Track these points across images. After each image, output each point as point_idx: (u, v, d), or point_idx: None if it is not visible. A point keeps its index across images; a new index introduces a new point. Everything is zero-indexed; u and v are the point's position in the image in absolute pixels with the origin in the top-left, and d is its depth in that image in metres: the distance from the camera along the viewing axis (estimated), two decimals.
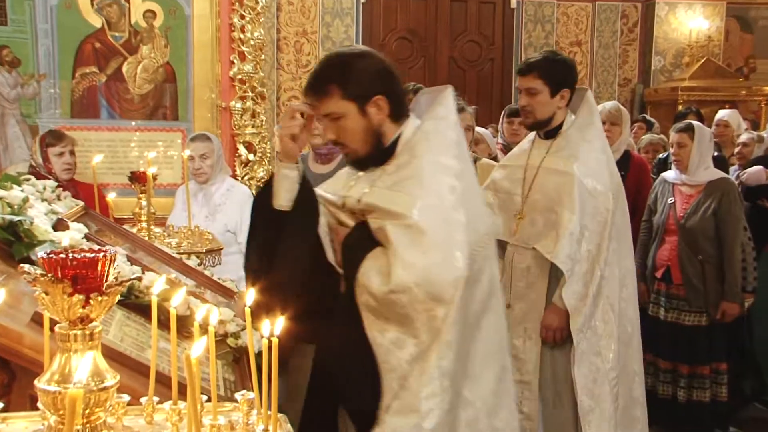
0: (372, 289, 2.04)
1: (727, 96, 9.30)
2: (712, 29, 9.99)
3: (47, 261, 1.37)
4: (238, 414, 1.64)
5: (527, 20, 9.69)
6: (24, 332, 1.77)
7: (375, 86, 2.17)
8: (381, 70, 2.21)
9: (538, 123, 3.41)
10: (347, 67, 2.17)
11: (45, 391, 1.38)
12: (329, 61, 2.24)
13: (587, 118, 3.40)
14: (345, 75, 2.16)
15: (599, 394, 3.25)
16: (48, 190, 2.89)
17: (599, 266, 3.23)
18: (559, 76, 3.35)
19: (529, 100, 3.36)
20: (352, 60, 2.19)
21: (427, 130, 2.19)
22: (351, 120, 2.16)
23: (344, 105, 2.15)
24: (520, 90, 3.41)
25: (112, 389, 1.42)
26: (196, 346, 1.32)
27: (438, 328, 2.00)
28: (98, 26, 5.03)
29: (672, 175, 4.61)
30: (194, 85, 5.17)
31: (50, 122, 4.99)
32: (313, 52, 8.87)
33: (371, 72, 2.18)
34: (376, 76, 2.18)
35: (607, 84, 10.01)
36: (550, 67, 3.34)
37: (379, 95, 2.16)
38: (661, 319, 4.54)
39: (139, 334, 2.14)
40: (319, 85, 2.18)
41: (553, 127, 3.42)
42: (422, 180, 2.11)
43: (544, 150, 3.42)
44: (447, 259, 2.02)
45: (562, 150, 3.36)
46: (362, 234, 2.16)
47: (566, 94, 3.36)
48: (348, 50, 2.30)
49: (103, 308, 1.40)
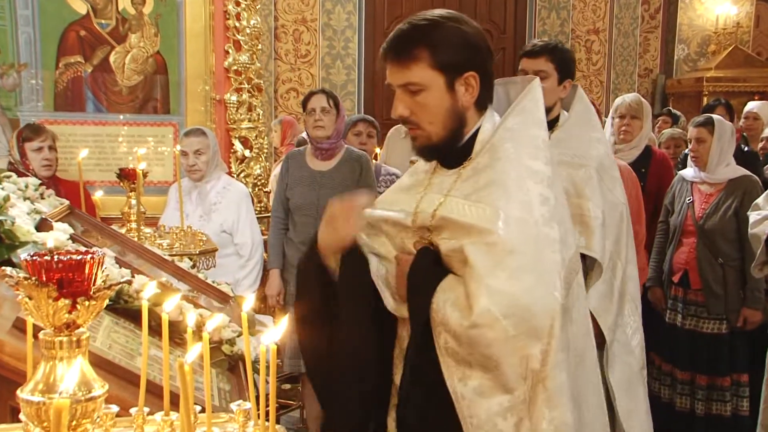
0: (451, 325, 1.80)
1: (757, 86, 9.27)
2: (740, 15, 9.96)
3: (31, 263, 1.37)
4: (234, 425, 1.64)
5: (541, 7, 9.67)
6: (5, 339, 1.77)
7: (470, 60, 1.94)
8: (478, 42, 1.97)
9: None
10: (441, 31, 1.93)
11: (28, 401, 1.37)
12: (419, 21, 1.96)
13: (585, 112, 3.46)
14: (437, 40, 1.92)
15: (636, 395, 3.33)
16: (30, 188, 2.90)
17: (621, 263, 3.31)
18: (568, 64, 3.40)
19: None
20: (447, 24, 1.94)
21: (512, 128, 1.96)
22: (434, 95, 1.94)
23: (431, 75, 1.92)
24: (526, 73, 3.38)
25: (100, 399, 1.42)
26: (190, 352, 1.32)
27: (537, 372, 1.77)
28: (83, 13, 5.03)
29: (690, 173, 4.60)
30: (186, 76, 5.18)
31: (32, 115, 4.99)
32: (312, 42, 8.88)
33: (468, 42, 1.95)
34: (472, 49, 1.96)
35: (627, 75, 9.99)
36: (560, 52, 3.40)
37: (472, 71, 1.94)
38: (678, 327, 4.52)
39: (128, 340, 2.14)
40: (403, 46, 1.94)
41: (551, 119, 3.41)
42: (507, 188, 1.87)
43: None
44: (541, 284, 1.79)
45: (567, 142, 3.39)
46: (429, 260, 1.93)
47: (569, 85, 3.41)
48: (442, 13, 1.99)
49: (90, 313, 1.40)
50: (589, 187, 3.26)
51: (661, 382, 4.59)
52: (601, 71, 9.83)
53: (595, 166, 3.31)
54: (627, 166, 4.37)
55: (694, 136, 4.49)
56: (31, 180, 2.99)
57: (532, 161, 1.92)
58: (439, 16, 1.96)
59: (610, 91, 9.78)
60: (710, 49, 9.92)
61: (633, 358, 3.35)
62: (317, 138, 4.37)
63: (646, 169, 4.74)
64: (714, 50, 9.88)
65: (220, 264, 3.70)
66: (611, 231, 3.27)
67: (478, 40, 1.98)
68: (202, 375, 1.52)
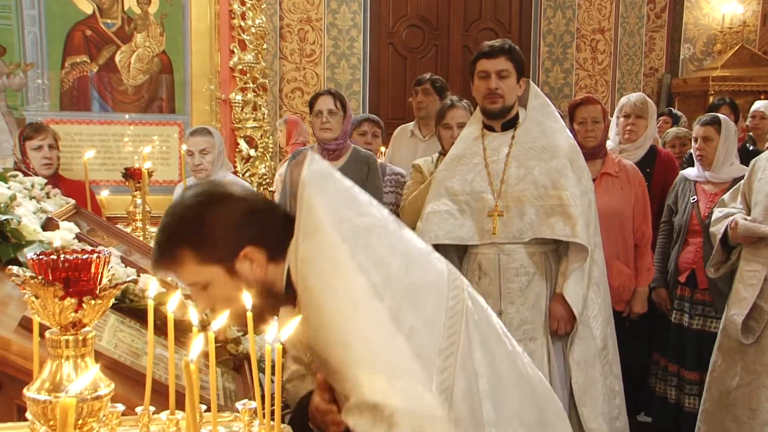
0: None
1: (764, 86, 9.22)
2: (747, 13, 9.92)
3: (37, 262, 1.37)
4: (239, 425, 1.64)
5: (546, 6, 9.65)
6: (11, 338, 1.78)
7: (233, 239, 1.79)
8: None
9: (505, 109, 3.52)
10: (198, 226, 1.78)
11: (35, 400, 1.38)
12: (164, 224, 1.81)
13: (543, 106, 3.58)
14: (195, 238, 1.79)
15: (592, 375, 3.45)
16: (36, 188, 2.91)
17: (590, 250, 3.38)
18: (523, 63, 3.53)
19: (500, 83, 3.47)
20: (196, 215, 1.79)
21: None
22: (219, 285, 1.81)
23: (204, 270, 1.78)
24: (487, 73, 3.49)
25: (105, 398, 1.42)
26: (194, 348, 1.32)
27: None
28: (89, 12, 5.04)
29: (694, 173, 4.58)
30: (192, 75, 5.18)
31: (38, 115, 5.00)
32: (318, 41, 8.88)
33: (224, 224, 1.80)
34: (227, 229, 1.80)
35: (632, 74, 9.97)
36: (516, 52, 3.53)
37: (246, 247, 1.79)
38: (685, 327, 4.48)
39: (134, 340, 2.14)
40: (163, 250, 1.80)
41: (511, 117, 3.56)
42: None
43: (505, 141, 3.53)
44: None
45: (532, 136, 3.50)
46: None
47: (523, 83, 3.54)
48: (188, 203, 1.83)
49: (96, 312, 1.41)
50: (564, 177, 3.37)
51: (668, 383, 4.57)
52: (606, 70, 9.81)
53: (565, 155, 3.42)
54: (633, 166, 4.36)
55: (701, 135, 4.47)
56: (37, 179, 3.00)
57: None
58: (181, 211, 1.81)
59: (616, 90, 9.76)
60: (716, 48, 9.89)
61: (592, 339, 3.45)
62: (324, 140, 4.37)
63: (651, 168, 4.72)
64: (720, 49, 9.85)
65: None
66: (583, 216, 3.36)
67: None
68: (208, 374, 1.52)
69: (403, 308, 1.72)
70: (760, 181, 3.76)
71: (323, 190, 1.80)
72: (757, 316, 3.63)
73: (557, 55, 9.72)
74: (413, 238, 1.94)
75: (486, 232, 3.45)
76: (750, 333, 3.64)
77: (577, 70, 9.77)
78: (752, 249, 3.69)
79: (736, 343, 3.73)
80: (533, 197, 3.40)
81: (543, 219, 3.37)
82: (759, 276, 3.63)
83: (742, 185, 3.93)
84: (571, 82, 9.77)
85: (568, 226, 3.32)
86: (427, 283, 1.83)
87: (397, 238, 1.87)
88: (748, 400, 3.67)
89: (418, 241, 1.94)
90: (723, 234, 3.81)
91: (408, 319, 1.72)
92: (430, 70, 6.65)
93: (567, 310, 3.39)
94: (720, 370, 3.82)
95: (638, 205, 4.25)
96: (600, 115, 4.31)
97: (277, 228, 1.84)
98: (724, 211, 3.89)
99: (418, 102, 5.25)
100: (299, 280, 1.75)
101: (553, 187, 3.37)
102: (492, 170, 3.50)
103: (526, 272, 3.44)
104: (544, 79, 9.68)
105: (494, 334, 1.96)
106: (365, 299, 1.70)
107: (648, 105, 4.86)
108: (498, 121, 3.55)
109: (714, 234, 3.89)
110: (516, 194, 3.42)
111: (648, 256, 4.31)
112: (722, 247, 3.87)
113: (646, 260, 4.29)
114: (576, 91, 9.63)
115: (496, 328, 2.00)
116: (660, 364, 4.63)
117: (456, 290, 1.87)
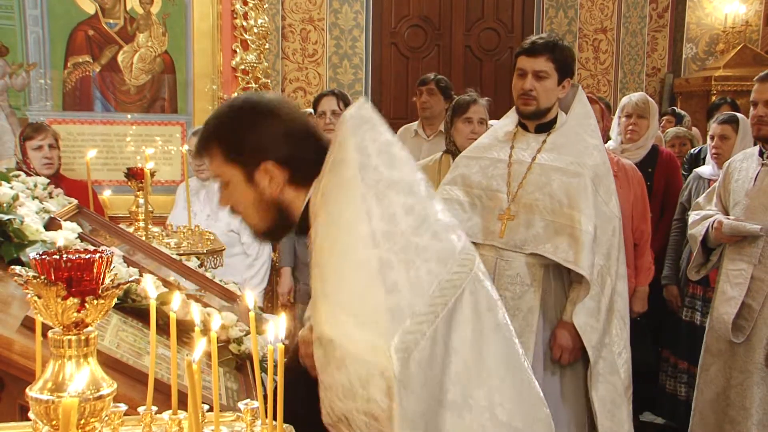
0: None
1: None
2: (750, 13, 9.91)
3: (40, 262, 1.37)
4: (242, 425, 1.64)
5: (549, 6, 9.65)
6: (14, 338, 1.78)
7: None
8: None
9: (539, 112, 3.31)
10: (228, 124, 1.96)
11: (37, 400, 1.38)
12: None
13: (584, 116, 3.34)
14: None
15: (619, 417, 3.21)
16: (39, 188, 2.91)
17: (611, 278, 3.17)
18: (568, 63, 3.29)
19: (536, 84, 3.24)
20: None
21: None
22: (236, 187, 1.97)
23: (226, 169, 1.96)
24: (524, 72, 3.27)
25: (108, 398, 1.42)
26: (197, 350, 1.33)
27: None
28: (92, 12, 5.05)
29: (708, 171, 4.57)
30: (194, 75, 5.19)
31: (41, 115, 5.00)
32: (320, 41, 8.88)
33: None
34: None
35: (635, 74, 9.96)
36: (561, 51, 3.27)
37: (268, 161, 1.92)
38: (697, 325, 4.48)
39: (136, 339, 2.14)
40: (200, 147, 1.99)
41: (548, 120, 3.34)
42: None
43: (535, 144, 3.32)
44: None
45: (564, 147, 3.27)
46: None
47: (568, 84, 3.31)
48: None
49: (99, 312, 1.41)
50: (582, 198, 3.14)
51: (678, 380, 4.57)
52: (608, 70, 9.81)
53: (591, 175, 3.19)
54: (633, 166, 4.36)
55: (718, 133, 4.47)
56: (40, 179, 3.00)
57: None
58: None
59: (618, 90, 9.75)
60: (718, 48, 9.87)
61: (618, 377, 3.21)
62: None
63: (653, 168, 4.72)
64: (722, 49, 9.83)
65: (227, 263, 3.71)
66: (602, 245, 3.15)
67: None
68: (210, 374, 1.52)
69: (395, 264, 1.72)
70: (738, 182, 3.76)
71: (361, 134, 1.86)
72: (747, 315, 3.60)
73: None
74: (441, 209, 1.93)
75: (491, 233, 3.27)
76: (740, 332, 3.62)
77: (579, 69, 9.76)
78: (737, 248, 3.67)
79: (725, 343, 3.71)
80: (545, 210, 3.19)
81: (550, 236, 3.16)
82: (745, 274, 3.60)
83: (717, 187, 3.92)
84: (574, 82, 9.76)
85: (572, 250, 3.10)
86: (432, 250, 1.80)
87: (420, 201, 1.86)
88: (742, 400, 3.66)
89: (445, 213, 1.92)
90: (704, 235, 3.79)
91: (396, 275, 1.71)
92: (432, 70, 6.65)
93: (573, 340, 3.16)
94: (713, 371, 3.80)
95: (637, 204, 4.24)
96: (599, 115, 4.31)
97: (308, 156, 1.92)
98: (702, 214, 3.87)
99: (422, 102, 5.24)
100: (315, 211, 1.84)
101: (568, 205, 3.15)
102: (514, 171, 3.30)
103: (522, 282, 3.21)
104: None
105: (492, 324, 1.91)
106: (361, 244, 1.73)
107: (650, 105, 4.85)
108: (532, 122, 3.36)
109: (694, 236, 3.87)
110: (529, 202, 3.23)
111: (647, 255, 4.31)
112: (702, 249, 3.86)
113: (646, 259, 4.28)
114: None
115: (502, 322, 1.95)
116: (670, 361, 4.62)
117: (461, 268, 1.85)
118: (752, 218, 3.59)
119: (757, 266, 3.58)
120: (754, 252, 3.58)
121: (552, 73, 3.24)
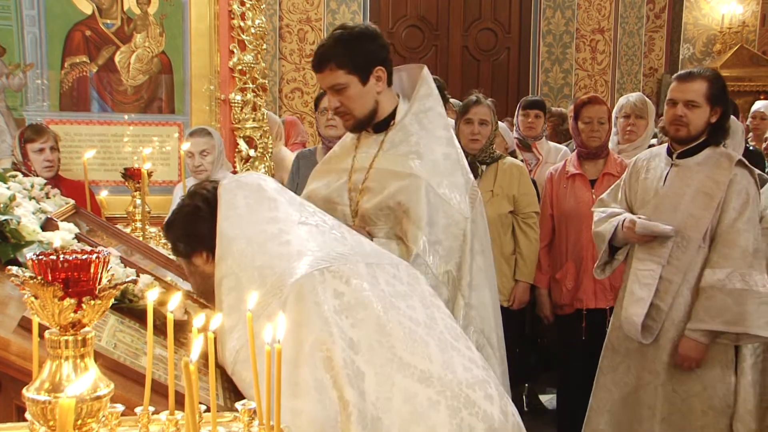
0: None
1: (763, 86, 9.25)
2: (746, 14, 9.94)
3: (37, 263, 1.37)
4: (239, 425, 1.64)
5: (546, 6, 9.67)
6: (10, 339, 1.78)
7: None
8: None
9: (359, 122, 2.90)
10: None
11: (34, 400, 1.38)
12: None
13: (424, 102, 2.92)
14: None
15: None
16: (36, 188, 2.90)
17: (461, 293, 2.76)
18: (361, 55, 2.82)
19: (341, 99, 2.85)
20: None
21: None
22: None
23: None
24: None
25: (105, 399, 1.42)
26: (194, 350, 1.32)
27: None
28: (89, 13, 5.04)
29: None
30: (192, 76, 5.18)
31: (38, 115, 4.99)
32: (317, 41, 8.87)
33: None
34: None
35: (632, 74, 9.99)
36: (345, 49, 2.80)
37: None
38: None
39: (133, 340, 2.14)
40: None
41: (382, 119, 2.91)
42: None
43: (374, 147, 2.90)
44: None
45: (399, 145, 2.86)
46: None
47: (380, 73, 2.85)
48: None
49: (96, 313, 1.41)
50: (414, 203, 2.74)
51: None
52: (606, 71, 9.83)
53: (426, 175, 2.77)
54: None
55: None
56: (37, 179, 3.00)
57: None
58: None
59: (615, 90, 9.77)
60: (716, 49, 9.90)
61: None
62: (329, 137, 4.38)
63: None
64: (719, 49, 9.86)
65: None
66: (451, 257, 2.75)
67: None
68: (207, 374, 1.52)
69: (301, 235, 2.22)
70: (646, 180, 3.73)
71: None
72: (655, 315, 3.59)
73: (557, 55, 9.73)
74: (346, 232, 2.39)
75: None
76: (648, 333, 3.61)
77: (576, 70, 9.78)
78: (646, 248, 3.63)
79: (634, 344, 3.70)
80: (385, 218, 2.83)
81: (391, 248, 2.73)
82: (654, 275, 3.58)
83: (621, 184, 3.90)
84: (571, 83, 9.78)
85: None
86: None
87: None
88: (651, 399, 3.66)
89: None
90: (612, 234, 3.76)
91: (294, 239, 2.20)
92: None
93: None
94: (621, 370, 3.79)
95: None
96: (605, 116, 4.32)
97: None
98: (608, 211, 3.84)
99: None
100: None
101: (402, 211, 2.77)
102: (354, 179, 2.93)
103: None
104: (544, 79, 9.69)
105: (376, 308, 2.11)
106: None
107: (647, 105, 4.87)
108: (366, 127, 2.95)
109: (601, 234, 3.81)
110: (368, 214, 2.86)
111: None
112: (610, 249, 3.84)
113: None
114: (575, 91, 9.65)
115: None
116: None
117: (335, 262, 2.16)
118: (661, 218, 3.57)
119: (665, 267, 3.56)
120: (663, 252, 3.56)
121: (347, 79, 2.82)
